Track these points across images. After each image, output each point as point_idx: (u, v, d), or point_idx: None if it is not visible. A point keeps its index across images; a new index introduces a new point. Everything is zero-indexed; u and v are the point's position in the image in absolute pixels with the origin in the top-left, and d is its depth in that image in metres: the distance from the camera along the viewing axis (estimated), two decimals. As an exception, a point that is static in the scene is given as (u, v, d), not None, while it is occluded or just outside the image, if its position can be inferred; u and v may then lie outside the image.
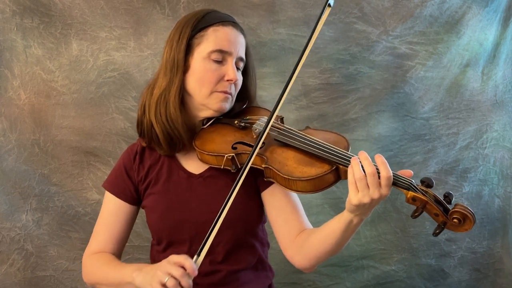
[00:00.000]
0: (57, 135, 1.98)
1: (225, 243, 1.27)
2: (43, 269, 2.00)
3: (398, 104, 2.12)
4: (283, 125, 1.25)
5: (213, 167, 1.26)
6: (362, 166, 1.03)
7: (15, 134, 1.97)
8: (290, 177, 1.11)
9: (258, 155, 1.16)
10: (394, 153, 2.12)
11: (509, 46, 2.18)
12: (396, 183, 1.05)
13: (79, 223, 2.01)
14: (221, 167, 1.22)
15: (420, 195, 1.05)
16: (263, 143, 1.18)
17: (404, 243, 2.17)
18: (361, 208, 1.05)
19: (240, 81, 1.30)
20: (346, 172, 1.07)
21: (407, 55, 2.10)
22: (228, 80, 1.25)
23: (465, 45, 2.14)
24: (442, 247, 2.19)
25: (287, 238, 1.25)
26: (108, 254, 1.33)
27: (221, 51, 1.24)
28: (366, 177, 1.02)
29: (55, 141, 1.98)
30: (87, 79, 1.98)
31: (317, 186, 1.11)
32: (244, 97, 1.35)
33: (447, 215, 1.05)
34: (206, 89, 1.25)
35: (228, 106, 1.29)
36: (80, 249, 2.00)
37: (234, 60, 1.26)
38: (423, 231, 2.16)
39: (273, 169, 1.14)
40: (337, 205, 2.09)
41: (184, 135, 1.26)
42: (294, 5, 2.02)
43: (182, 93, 1.26)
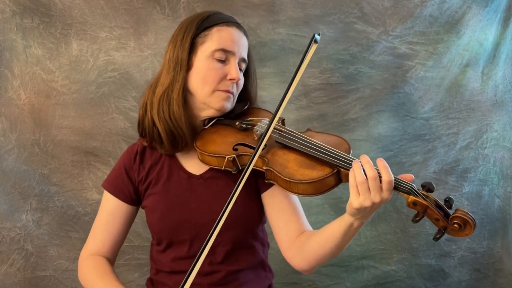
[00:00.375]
0: (57, 135, 1.98)
1: (225, 243, 1.27)
2: (43, 269, 2.00)
3: (398, 104, 2.12)
4: (284, 127, 1.24)
5: (213, 168, 1.26)
6: (364, 170, 1.03)
7: (15, 134, 1.97)
8: (291, 180, 1.11)
9: (260, 157, 1.16)
10: (394, 153, 2.12)
11: (509, 46, 2.18)
12: (397, 187, 1.05)
13: (79, 223, 2.01)
14: (222, 168, 1.22)
15: (421, 200, 1.05)
16: (264, 145, 1.18)
17: (404, 243, 2.17)
18: (362, 212, 1.05)
19: (242, 82, 1.30)
20: (347, 175, 1.07)
21: (407, 55, 2.10)
22: (230, 79, 1.25)
23: (465, 45, 2.14)
24: (442, 247, 2.19)
25: (286, 240, 1.25)
26: (104, 264, 1.33)
27: (224, 50, 1.24)
28: (367, 180, 1.02)
29: (55, 141, 1.98)
30: (87, 79, 1.98)
31: (318, 189, 1.11)
32: (244, 99, 1.35)
33: (448, 220, 1.04)
34: (209, 87, 1.25)
35: (230, 105, 1.29)
36: (80, 249, 1.97)
37: (237, 60, 1.26)
38: (423, 231, 2.16)
39: (274, 171, 1.14)
40: (337, 205, 2.09)
41: (187, 133, 1.26)
42: (294, 5, 2.02)
43: (185, 92, 1.26)
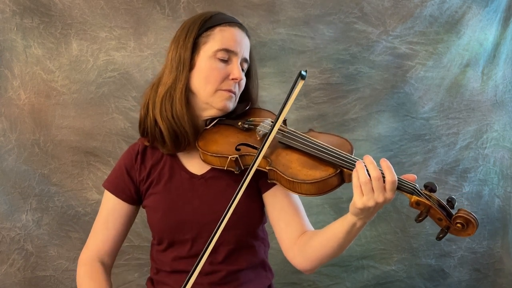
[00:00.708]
0: (57, 135, 1.98)
1: (226, 243, 1.27)
2: (43, 269, 2.00)
3: (398, 104, 2.12)
4: (287, 127, 1.25)
5: (215, 168, 1.26)
6: (367, 170, 1.03)
7: (15, 134, 1.97)
8: (294, 180, 1.11)
9: (263, 157, 1.16)
10: (394, 153, 2.12)
11: (509, 46, 2.18)
12: (401, 187, 1.06)
13: (79, 223, 2.01)
14: (225, 168, 1.22)
15: (424, 200, 1.05)
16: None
17: (404, 243, 2.17)
18: (365, 212, 1.06)
19: (244, 81, 1.30)
20: (350, 175, 1.08)
21: (407, 55, 2.10)
22: (233, 79, 1.25)
23: (465, 45, 2.14)
24: (442, 247, 2.19)
25: (288, 240, 1.25)
26: (100, 274, 1.34)
27: (227, 50, 1.24)
28: (371, 181, 1.02)
29: (55, 141, 1.98)
30: (87, 79, 1.98)
31: (321, 189, 1.11)
32: (246, 99, 1.35)
33: (451, 220, 1.05)
34: (211, 87, 1.25)
35: (232, 105, 1.29)
36: (80, 249, 1.97)
37: (239, 60, 1.26)
38: (423, 231, 2.16)
39: (278, 171, 1.14)
40: (337, 205, 2.09)
41: (190, 132, 1.26)
42: (294, 5, 2.02)
43: (187, 91, 1.26)
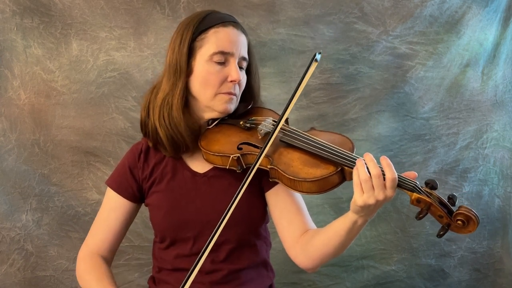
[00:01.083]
0: (57, 135, 1.98)
1: (228, 242, 1.27)
2: (43, 269, 2.00)
3: (398, 104, 2.12)
4: (288, 126, 1.25)
5: (217, 167, 1.26)
6: (368, 168, 1.04)
7: (15, 134, 1.97)
8: (295, 178, 1.12)
9: (265, 156, 1.17)
10: (394, 153, 2.12)
11: (509, 46, 2.18)
12: (401, 184, 1.06)
13: (79, 223, 2.01)
14: (227, 167, 1.22)
15: (424, 197, 1.05)
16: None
17: (404, 243, 2.17)
18: (366, 209, 1.06)
19: (244, 81, 1.30)
20: (351, 173, 1.08)
21: (407, 55, 2.10)
22: (231, 81, 1.25)
23: (465, 45, 2.14)
24: (442, 247, 2.19)
25: (291, 239, 1.25)
26: (101, 265, 1.33)
27: (222, 52, 1.24)
28: (371, 178, 1.03)
29: (55, 141, 1.98)
30: (87, 79, 1.98)
31: (322, 187, 1.11)
32: (248, 96, 1.35)
33: (451, 217, 1.05)
34: (210, 91, 1.25)
35: (233, 107, 1.29)
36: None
37: (237, 60, 1.26)
38: (423, 231, 2.16)
39: (279, 170, 1.14)
40: (337, 205, 2.09)
41: (188, 138, 1.26)
42: (294, 5, 2.02)
43: (187, 95, 1.27)
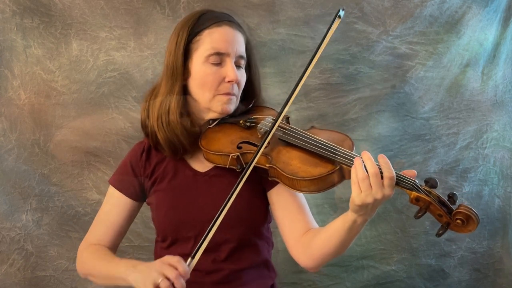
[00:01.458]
0: (57, 135, 1.98)
1: (229, 241, 1.27)
2: (43, 269, 2.00)
3: (398, 104, 2.12)
4: (288, 125, 1.25)
5: (218, 166, 1.26)
6: (365, 166, 1.03)
7: (15, 134, 1.97)
8: (294, 177, 1.11)
9: (263, 154, 1.17)
10: (394, 153, 2.12)
11: (509, 46, 2.18)
12: (400, 183, 1.05)
13: (79, 223, 2.01)
14: (227, 166, 1.22)
15: (423, 196, 1.04)
16: (268, 142, 1.18)
17: (404, 243, 2.17)
18: (364, 208, 1.05)
19: (243, 79, 1.29)
20: (350, 172, 1.07)
21: (407, 55, 2.10)
22: (229, 81, 1.24)
23: (465, 45, 2.13)
24: (442, 247, 2.19)
25: (292, 238, 1.25)
26: (103, 248, 1.34)
27: (218, 53, 1.23)
28: (369, 177, 1.02)
29: (55, 141, 1.98)
30: (87, 79, 1.98)
31: (321, 186, 1.11)
32: (250, 93, 1.35)
33: (451, 216, 1.04)
34: (209, 93, 1.25)
35: (233, 107, 1.29)
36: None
37: (233, 60, 1.25)
38: (423, 231, 2.16)
39: (278, 168, 1.14)
40: (337, 205, 2.08)
41: (185, 141, 1.26)
42: (294, 5, 2.02)
43: (187, 97, 1.27)
